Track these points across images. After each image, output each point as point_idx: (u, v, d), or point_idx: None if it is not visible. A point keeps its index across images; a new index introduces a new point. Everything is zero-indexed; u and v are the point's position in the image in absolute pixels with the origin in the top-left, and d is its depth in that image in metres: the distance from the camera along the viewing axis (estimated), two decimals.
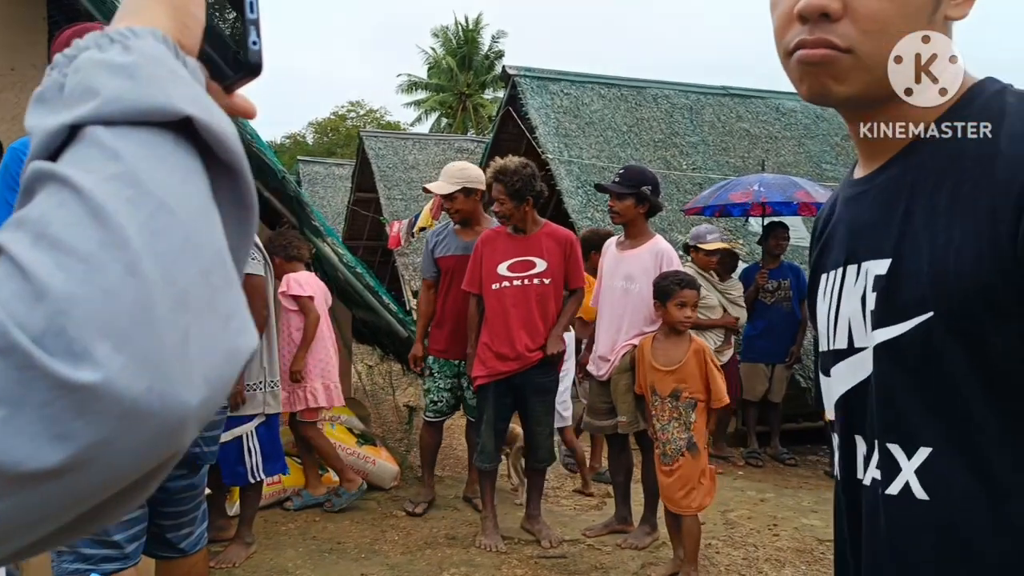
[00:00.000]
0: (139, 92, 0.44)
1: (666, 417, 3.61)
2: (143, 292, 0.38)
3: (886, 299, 0.84)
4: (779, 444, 6.38)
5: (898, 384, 0.84)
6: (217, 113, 0.46)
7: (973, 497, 0.79)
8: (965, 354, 0.78)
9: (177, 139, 0.44)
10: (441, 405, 4.61)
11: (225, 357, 0.42)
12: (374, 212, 15.03)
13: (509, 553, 4.03)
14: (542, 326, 4.05)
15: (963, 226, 0.76)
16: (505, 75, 9.27)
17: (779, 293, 6.13)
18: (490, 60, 34.68)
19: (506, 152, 10.26)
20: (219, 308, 0.42)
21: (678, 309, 3.61)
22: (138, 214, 0.40)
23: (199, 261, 0.42)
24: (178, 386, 0.39)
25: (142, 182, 0.41)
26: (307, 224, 4.81)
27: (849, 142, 9.34)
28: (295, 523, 4.41)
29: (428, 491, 4.71)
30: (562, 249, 4.11)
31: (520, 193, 3.99)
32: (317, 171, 20.24)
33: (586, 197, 7.82)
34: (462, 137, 20.77)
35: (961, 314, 0.77)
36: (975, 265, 0.75)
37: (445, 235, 4.60)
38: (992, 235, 0.74)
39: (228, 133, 0.46)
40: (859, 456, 0.92)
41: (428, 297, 4.63)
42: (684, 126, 9.11)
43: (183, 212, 0.42)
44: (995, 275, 0.74)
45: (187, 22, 0.53)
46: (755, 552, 4.15)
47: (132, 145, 0.42)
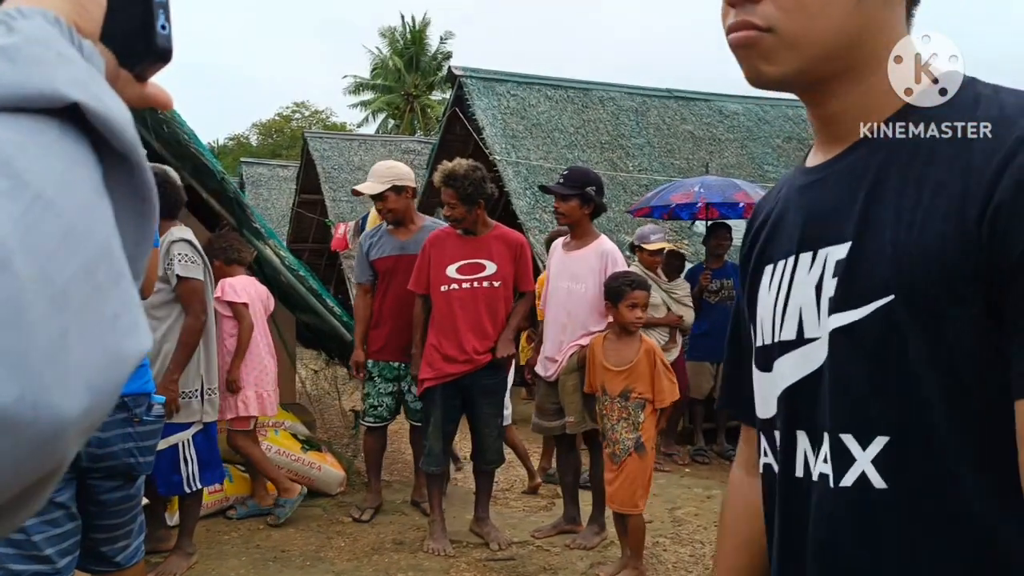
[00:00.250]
0: (19, 76, 0.40)
1: (615, 417, 3.62)
2: (14, 291, 0.35)
3: (846, 283, 0.81)
4: (725, 441, 6.47)
5: (853, 372, 0.81)
6: (109, 99, 0.43)
7: (933, 485, 0.77)
8: (925, 340, 0.76)
9: (63, 127, 0.41)
10: (382, 410, 4.55)
11: (111, 360, 0.39)
12: (319, 214, 14.85)
13: (457, 557, 4.00)
14: (491, 329, 4.03)
15: (930, 208, 0.75)
16: (451, 76, 9.26)
17: (723, 293, 6.21)
18: (438, 61, 34.57)
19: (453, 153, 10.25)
20: (104, 307, 0.39)
21: (629, 310, 3.62)
22: (12, 207, 0.36)
23: (81, 256, 0.38)
24: (54, 394, 0.35)
25: (18, 173, 0.37)
26: (247, 226, 4.71)
27: (790, 144, 9.55)
28: (238, 532, 4.31)
29: (375, 497, 4.65)
30: (512, 252, 4.10)
31: (471, 197, 3.97)
32: (261, 173, 19.90)
33: (534, 198, 7.83)
34: (409, 138, 20.64)
35: (923, 297, 0.75)
36: (939, 247, 0.73)
37: (379, 236, 4.55)
38: (960, 218, 0.72)
39: (120, 120, 0.43)
40: (799, 452, 0.89)
41: (365, 302, 4.57)
42: (630, 128, 9.20)
43: (64, 204, 0.38)
44: (958, 257, 0.72)
45: (86, 4, 0.50)
46: (702, 549, 4.19)
47: (9, 133, 0.39)
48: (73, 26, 0.46)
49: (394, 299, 4.43)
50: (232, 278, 4.33)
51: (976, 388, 0.75)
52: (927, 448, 0.78)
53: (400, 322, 4.41)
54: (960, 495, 0.76)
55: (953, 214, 0.73)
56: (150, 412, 2.55)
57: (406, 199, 4.43)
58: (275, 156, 32.74)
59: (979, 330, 0.73)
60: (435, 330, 4.07)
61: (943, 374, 0.76)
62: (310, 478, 4.81)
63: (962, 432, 0.76)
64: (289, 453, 4.77)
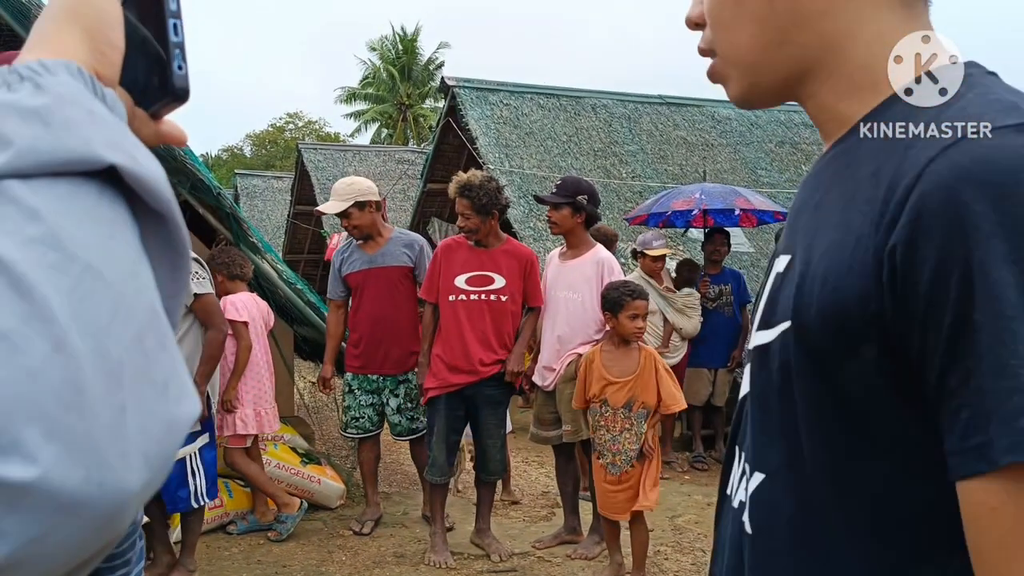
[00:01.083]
0: (56, 140, 0.39)
1: (618, 428, 3.61)
2: (73, 370, 0.35)
3: (772, 301, 0.75)
4: (724, 447, 6.47)
5: (760, 396, 0.76)
6: (143, 157, 0.43)
7: (793, 539, 0.70)
8: (809, 379, 0.68)
9: (101, 189, 0.40)
10: (363, 422, 4.56)
11: (166, 430, 0.39)
12: (315, 225, 14.83)
13: (459, 569, 4.00)
14: (496, 342, 4.04)
15: (838, 229, 0.66)
16: (444, 86, 9.27)
17: (721, 299, 6.23)
18: (430, 71, 34.61)
19: (447, 163, 10.27)
20: (156, 376, 0.39)
21: (630, 320, 3.62)
22: (63, 281, 0.36)
23: (132, 326, 0.38)
24: (117, 471, 0.36)
25: (65, 244, 0.37)
26: (244, 241, 4.71)
27: (783, 148, 9.60)
28: (239, 547, 4.30)
29: (374, 509, 4.64)
30: (521, 267, 4.10)
31: (486, 208, 3.98)
32: (256, 184, 19.89)
33: (528, 207, 7.84)
34: (403, 148, 20.66)
35: (808, 331, 0.67)
36: (837, 276, 0.65)
37: (350, 252, 4.57)
38: (860, 245, 0.63)
39: (156, 179, 0.43)
40: (733, 469, 0.84)
41: (337, 317, 4.61)
42: (623, 135, 9.23)
43: (112, 273, 0.38)
44: (854, 292, 0.63)
45: (104, 50, 0.49)
46: (703, 557, 4.19)
47: (52, 201, 0.38)
48: (94, 74, 0.46)
49: (366, 312, 4.45)
50: (234, 295, 4.33)
51: (865, 447, 0.66)
52: (795, 498, 0.70)
53: (375, 335, 4.44)
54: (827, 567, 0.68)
55: (852, 241, 0.64)
56: None
57: (370, 213, 4.42)
58: (269, 167, 32.75)
59: (876, 381, 0.63)
60: (441, 340, 4.08)
61: (822, 422, 0.68)
62: (310, 492, 4.80)
63: (841, 496, 0.67)
64: (289, 467, 4.77)
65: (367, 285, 4.43)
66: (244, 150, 41.57)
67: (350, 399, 4.58)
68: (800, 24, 0.73)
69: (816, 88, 0.75)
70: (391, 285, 4.40)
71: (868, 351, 0.63)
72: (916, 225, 0.58)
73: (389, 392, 4.51)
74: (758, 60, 0.76)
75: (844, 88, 0.73)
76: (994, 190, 0.56)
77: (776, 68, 0.76)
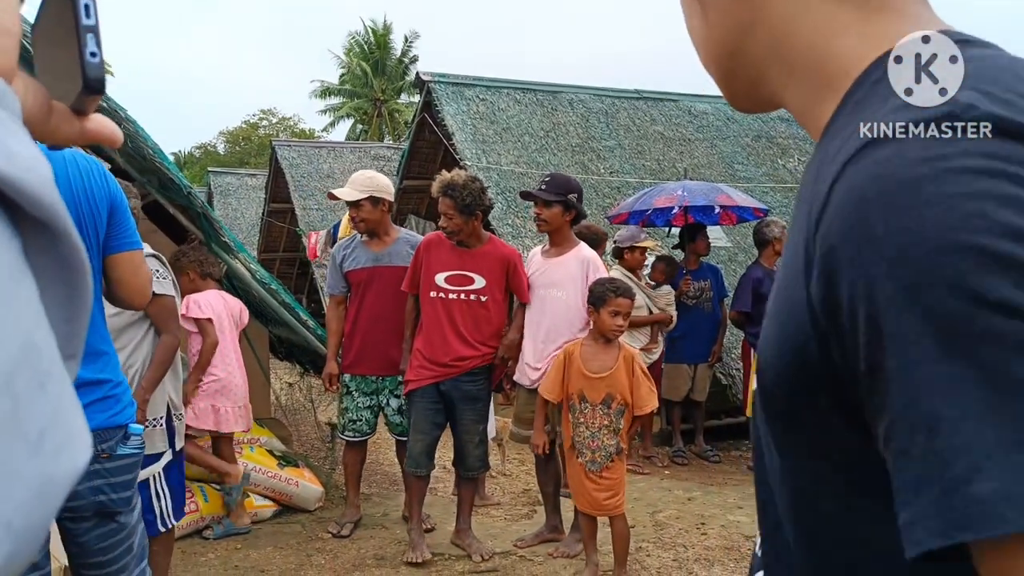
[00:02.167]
0: None
1: (596, 424, 3.60)
2: None
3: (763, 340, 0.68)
4: (703, 442, 6.49)
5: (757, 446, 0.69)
6: (24, 156, 0.36)
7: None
8: (774, 437, 0.62)
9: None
10: (361, 424, 4.49)
11: (36, 493, 0.32)
12: (289, 223, 14.71)
13: (440, 570, 3.96)
14: (474, 340, 4.05)
15: (789, 264, 0.59)
16: (419, 81, 9.20)
17: (701, 296, 6.24)
18: (404, 64, 34.43)
19: (424, 159, 10.19)
20: (26, 426, 0.32)
21: (611, 317, 3.60)
22: None
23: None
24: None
25: None
26: (216, 240, 4.62)
27: (759, 143, 9.63)
28: (215, 552, 4.23)
29: (354, 511, 4.58)
30: (504, 267, 4.10)
31: (470, 208, 3.95)
32: (229, 182, 19.66)
33: (506, 203, 7.80)
34: (378, 144, 20.52)
35: (766, 379, 0.61)
36: (784, 313, 0.58)
37: (353, 248, 4.50)
38: (796, 280, 0.56)
39: (36, 182, 0.35)
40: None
41: (337, 314, 4.53)
42: (600, 130, 9.21)
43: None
44: (794, 334, 0.56)
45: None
46: (685, 553, 4.18)
47: None
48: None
49: (368, 311, 4.39)
50: (197, 294, 4.25)
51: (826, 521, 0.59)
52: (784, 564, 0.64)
53: (375, 334, 4.37)
54: None
55: (793, 274, 0.57)
56: (127, 443, 2.39)
57: (382, 211, 4.39)
58: (243, 164, 32.45)
59: (831, 437, 0.56)
60: (421, 334, 4.12)
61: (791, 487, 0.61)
62: (288, 495, 4.74)
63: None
64: (266, 470, 4.69)
65: (371, 283, 4.36)
66: (217, 147, 41.17)
67: (348, 400, 4.50)
68: (739, 33, 0.68)
69: (783, 94, 0.69)
70: (396, 285, 4.34)
71: (821, 405, 0.55)
72: (823, 263, 0.52)
73: (389, 392, 4.45)
74: (717, 72, 0.74)
75: (807, 91, 0.66)
76: (882, 212, 0.48)
77: (738, 78, 0.72)
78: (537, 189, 4.16)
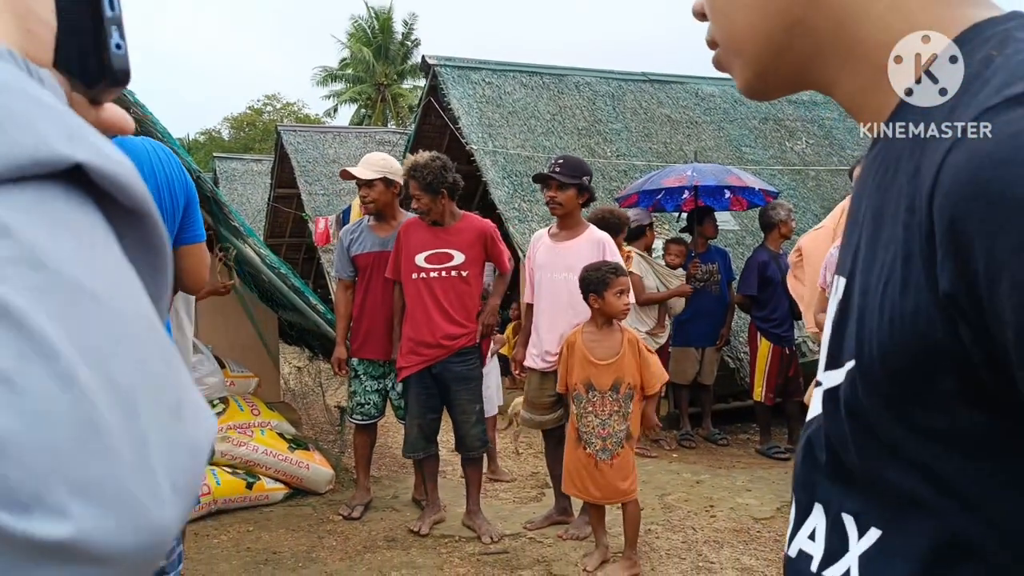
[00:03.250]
0: (7, 141, 0.33)
1: (607, 411, 3.59)
2: (86, 408, 0.31)
3: (835, 334, 0.65)
4: (711, 425, 6.50)
5: (842, 442, 0.65)
6: (108, 148, 0.37)
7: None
8: (893, 424, 0.58)
9: (67, 191, 0.35)
10: (369, 407, 4.54)
11: (190, 454, 0.35)
12: (295, 208, 14.70)
13: (451, 552, 3.98)
14: (460, 317, 4.12)
15: (888, 248, 0.57)
16: (425, 65, 9.15)
17: (709, 279, 6.23)
18: (406, 48, 34.26)
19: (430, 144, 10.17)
20: (167, 397, 0.35)
21: (617, 298, 3.58)
22: (52, 306, 0.31)
23: (134, 346, 0.34)
24: (150, 510, 0.32)
25: (46, 261, 0.32)
26: (226, 225, 4.62)
27: (767, 125, 9.57)
28: (227, 535, 4.26)
29: (364, 493, 4.62)
30: (481, 240, 4.16)
31: (432, 186, 4.02)
32: (235, 168, 19.66)
33: (512, 187, 7.78)
34: (383, 129, 20.48)
35: (878, 372, 0.57)
36: (893, 307, 0.55)
37: (360, 232, 4.51)
38: (905, 268, 0.54)
39: (128, 174, 0.37)
40: (792, 512, 0.73)
41: (346, 297, 4.55)
42: (607, 113, 9.16)
43: (103, 289, 0.33)
44: (915, 327, 0.53)
45: (33, 28, 0.42)
46: (694, 535, 4.20)
47: (19, 213, 0.32)
48: (25, 57, 0.39)
49: (375, 295, 4.41)
50: None
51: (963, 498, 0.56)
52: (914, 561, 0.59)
53: (382, 318, 4.41)
54: None
55: (902, 262, 0.55)
56: None
57: (392, 194, 4.43)
58: (248, 150, 32.40)
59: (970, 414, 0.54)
60: (408, 318, 4.18)
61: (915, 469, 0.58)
62: (299, 477, 4.77)
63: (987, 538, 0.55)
64: (276, 453, 4.72)
65: (378, 267, 4.39)
66: (222, 133, 41.09)
67: (356, 384, 4.55)
68: (802, 3, 0.65)
69: (837, 77, 0.66)
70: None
71: (946, 383, 0.54)
72: (949, 238, 0.50)
73: (395, 376, 4.48)
74: (760, 49, 0.69)
75: (868, 75, 0.63)
76: (989, 194, 0.48)
77: (782, 56, 0.68)
78: (551, 171, 4.14)
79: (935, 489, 0.57)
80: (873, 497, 0.62)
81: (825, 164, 9.15)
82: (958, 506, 0.56)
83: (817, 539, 0.69)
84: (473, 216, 4.33)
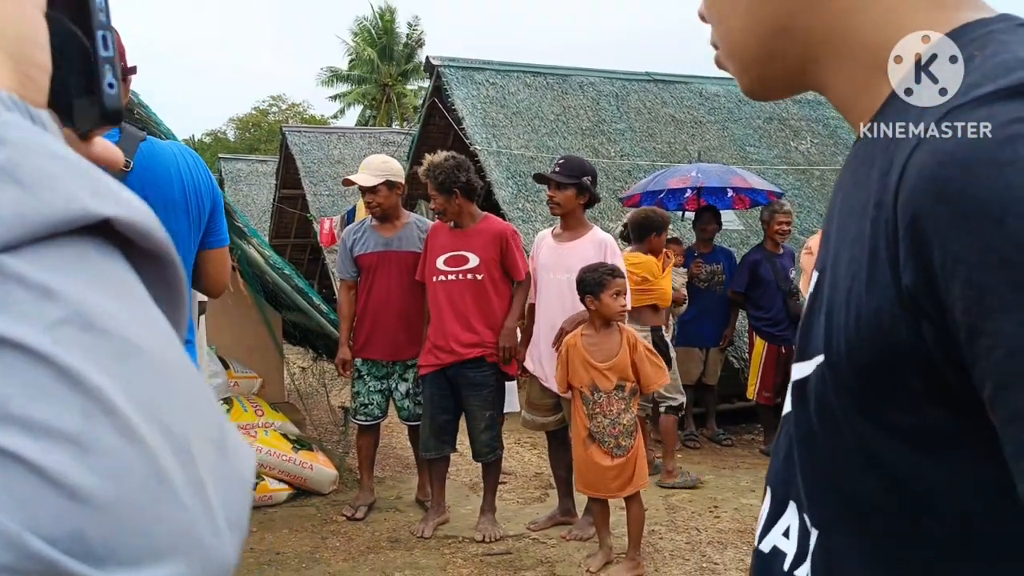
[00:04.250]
0: (39, 203, 0.33)
1: (615, 411, 3.59)
2: (150, 460, 0.32)
3: (804, 327, 0.66)
4: (715, 425, 6.49)
5: (799, 441, 0.66)
6: (127, 196, 0.38)
7: None
8: (860, 420, 0.58)
9: (97, 244, 0.36)
10: (372, 408, 4.53)
11: (239, 488, 0.37)
12: (300, 209, 14.72)
13: (454, 552, 3.98)
14: (477, 322, 4.07)
15: (856, 244, 0.58)
16: (429, 66, 9.16)
17: (713, 279, 6.21)
18: (409, 48, 34.28)
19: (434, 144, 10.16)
20: (213, 436, 0.36)
21: (613, 299, 3.59)
22: (105, 363, 0.32)
23: (180, 392, 0.35)
24: (215, 550, 0.34)
25: (93, 320, 0.33)
26: (230, 225, 4.64)
27: (771, 124, 9.55)
28: None
29: (368, 494, 4.62)
30: (498, 243, 4.12)
31: (445, 186, 4.02)
32: (240, 168, 19.69)
33: (516, 188, 7.78)
34: (388, 130, 20.50)
35: (844, 368, 0.58)
36: (860, 304, 0.56)
37: (363, 232, 4.51)
38: (871, 265, 0.55)
39: (149, 221, 0.38)
40: (764, 508, 0.74)
41: (348, 298, 4.54)
42: (611, 113, 9.15)
43: (146, 340, 0.34)
44: (880, 324, 0.54)
45: (30, 72, 0.41)
46: (698, 536, 4.19)
47: (60, 273, 0.33)
48: (24, 100, 0.39)
49: (378, 295, 4.41)
50: None
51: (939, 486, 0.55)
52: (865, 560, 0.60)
53: (384, 319, 4.40)
54: None
55: (868, 257, 0.56)
56: None
57: (396, 195, 4.43)
58: (253, 151, 32.48)
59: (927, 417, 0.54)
60: (431, 320, 4.21)
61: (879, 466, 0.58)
62: (303, 478, 4.78)
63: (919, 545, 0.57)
64: (280, 454, 4.73)
65: (380, 268, 4.39)
66: (227, 134, 41.21)
67: (359, 384, 4.54)
68: (799, 6, 0.65)
69: (830, 78, 0.67)
70: (405, 270, 4.36)
71: (912, 381, 0.54)
72: (911, 236, 0.51)
73: (398, 377, 4.50)
74: (755, 53, 0.70)
75: (860, 76, 0.64)
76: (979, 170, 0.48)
77: (777, 59, 0.69)
78: (551, 172, 4.14)
79: (899, 488, 0.57)
80: (836, 496, 0.62)
81: (830, 164, 9.12)
82: (923, 507, 0.56)
83: (791, 537, 0.69)
84: (494, 219, 4.29)
